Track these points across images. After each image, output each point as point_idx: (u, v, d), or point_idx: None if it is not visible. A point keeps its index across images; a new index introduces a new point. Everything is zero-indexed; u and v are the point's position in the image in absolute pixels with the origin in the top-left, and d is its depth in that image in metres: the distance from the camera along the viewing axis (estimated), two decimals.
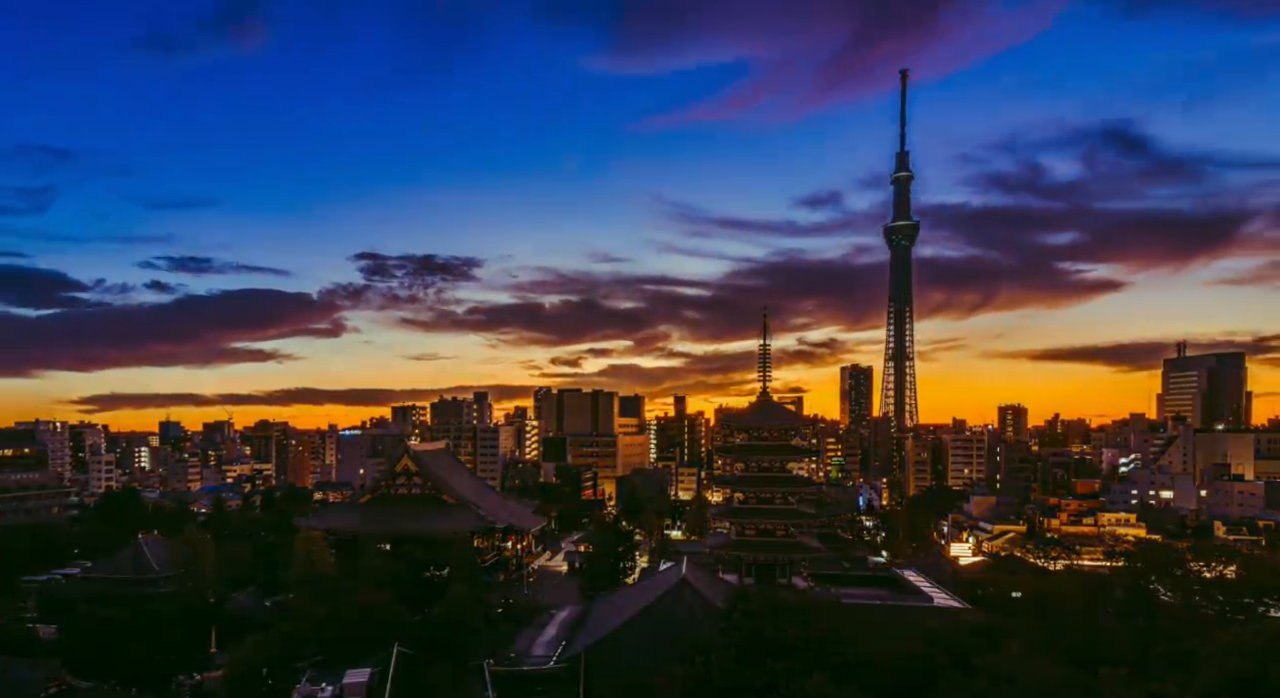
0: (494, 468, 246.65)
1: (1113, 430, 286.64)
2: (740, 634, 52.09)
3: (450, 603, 70.95)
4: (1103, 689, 42.37)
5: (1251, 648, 45.26)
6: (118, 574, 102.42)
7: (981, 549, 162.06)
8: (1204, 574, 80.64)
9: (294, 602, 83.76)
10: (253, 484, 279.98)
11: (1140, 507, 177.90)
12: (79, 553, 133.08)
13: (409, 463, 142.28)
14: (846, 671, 48.33)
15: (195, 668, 74.98)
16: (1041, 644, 57.39)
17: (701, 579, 78.54)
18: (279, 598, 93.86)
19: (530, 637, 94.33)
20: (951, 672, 50.58)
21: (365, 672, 52.28)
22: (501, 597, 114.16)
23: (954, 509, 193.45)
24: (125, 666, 75.10)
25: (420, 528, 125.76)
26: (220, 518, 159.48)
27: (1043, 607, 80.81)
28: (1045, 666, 47.27)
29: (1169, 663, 52.36)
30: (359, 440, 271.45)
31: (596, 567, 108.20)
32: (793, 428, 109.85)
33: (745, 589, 65.27)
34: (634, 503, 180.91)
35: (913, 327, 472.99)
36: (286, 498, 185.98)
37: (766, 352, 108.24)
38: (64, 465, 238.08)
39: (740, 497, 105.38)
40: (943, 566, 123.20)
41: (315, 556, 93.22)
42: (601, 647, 66.02)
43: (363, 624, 65.11)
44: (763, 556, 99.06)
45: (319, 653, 60.97)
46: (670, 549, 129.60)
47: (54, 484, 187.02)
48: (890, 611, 79.03)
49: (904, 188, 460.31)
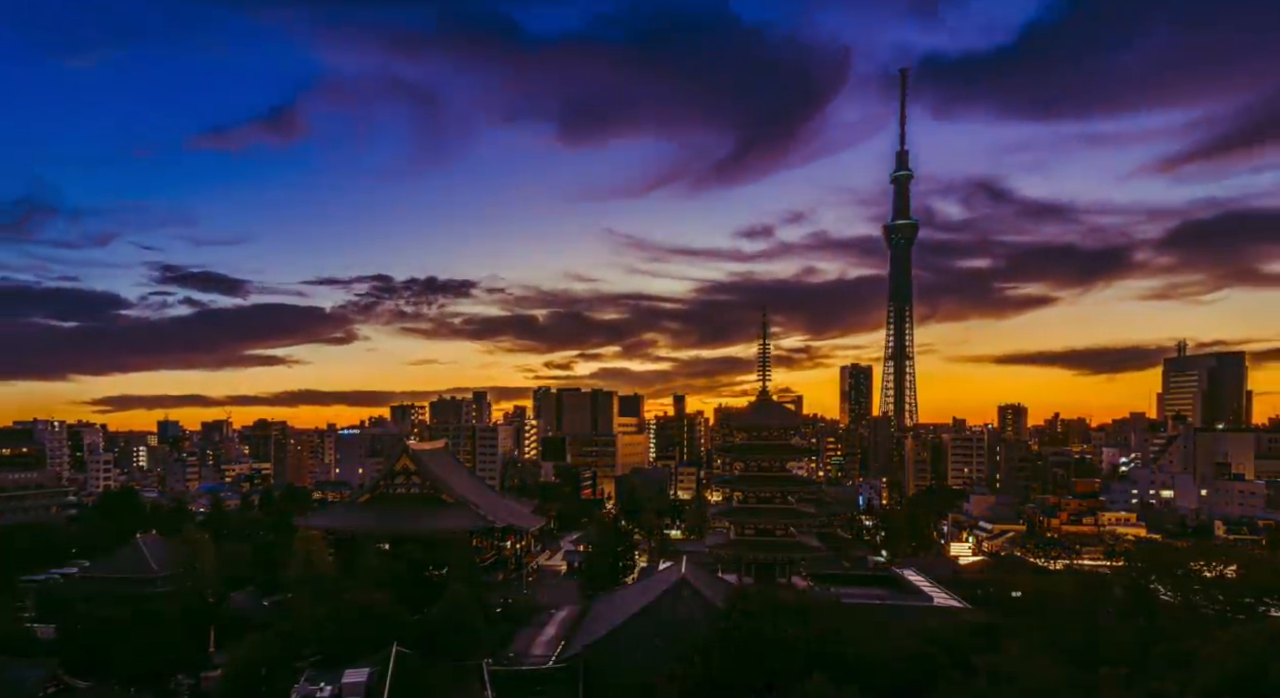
0: (493, 467, 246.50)
1: (1113, 430, 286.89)
2: (740, 634, 51.96)
3: (449, 603, 70.76)
4: (1103, 689, 42.27)
5: (1252, 648, 45.15)
6: (116, 574, 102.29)
7: (981, 549, 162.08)
8: (1204, 574, 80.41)
9: (293, 601, 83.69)
10: (251, 484, 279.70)
11: (1140, 506, 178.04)
12: (77, 553, 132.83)
13: (408, 462, 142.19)
14: (846, 670, 48.19)
15: (194, 668, 74.74)
16: (1041, 644, 57.28)
17: (701, 579, 78.42)
18: (278, 598, 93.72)
19: (529, 636, 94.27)
20: (951, 672, 50.49)
21: (364, 671, 52.11)
22: (501, 596, 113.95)
23: (954, 509, 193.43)
24: (124, 666, 74.86)
25: (419, 527, 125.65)
26: (219, 518, 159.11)
27: (1043, 607, 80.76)
28: (1045, 665, 47.13)
29: (1169, 663, 52.24)
30: (358, 440, 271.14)
31: (596, 566, 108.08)
32: (792, 427, 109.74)
33: (745, 589, 65.18)
34: (633, 503, 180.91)
35: (913, 326, 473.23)
36: (285, 498, 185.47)
37: (766, 351, 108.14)
38: (62, 465, 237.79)
39: (740, 496, 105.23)
40: (942, 565, 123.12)
41: (314, 555, 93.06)
42: (601, 646, 65.91)
43: (361, 624, 64.91)
44: (762, 555, 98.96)
45: (318, 653, 60.79)
46: (669, 549, 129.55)
47: (52, 484, 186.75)
48: (890, 610, 78.93)
49: (903, 186, 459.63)
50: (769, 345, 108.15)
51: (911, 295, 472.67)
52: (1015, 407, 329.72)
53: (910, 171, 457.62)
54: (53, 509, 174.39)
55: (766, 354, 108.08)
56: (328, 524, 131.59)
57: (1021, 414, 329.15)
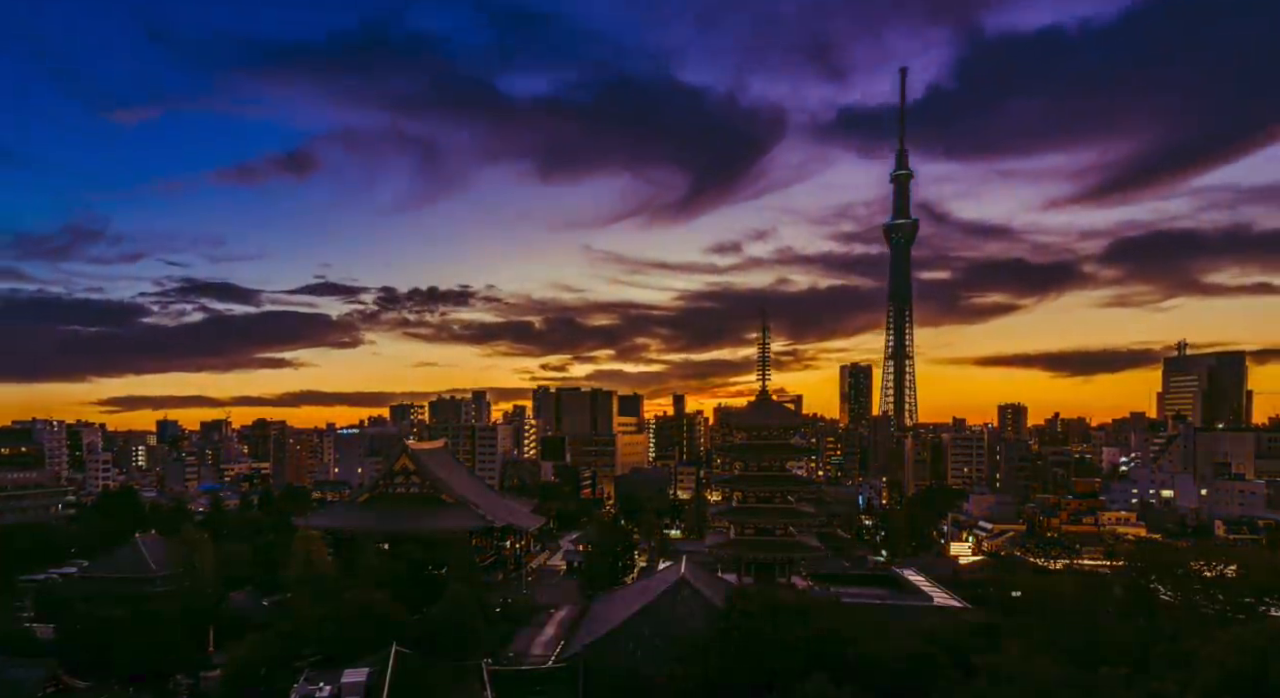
0: (493, 467, 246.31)
1: (1113, 430, 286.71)
2: (739, 634, 51.87)
3: (449, 603, 70.60)
4: (1103, 689, 42.16)
5: (1252, 648, 45.08)
6: (115, 574, 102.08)
7: (981, 549, 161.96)
8: (1204, 574, 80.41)
9: (292, 601, 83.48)
10: (251, 483, 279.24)
11: (1140, 506, 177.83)
12: (76, 553, 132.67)
13: (407, 462, 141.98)
14: (846, 670, 48.10)
15: (193, 668, 74.59)
16: (1041, 644, 57.20)
17: (700, 579, 78.34)
18: (277, 598, 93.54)
19: (529, 636, 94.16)
20: (951, 671, 50.38)
21: (363, 671, 51.96)
22: (500, 596, 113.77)
23: (954, 509, 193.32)
24: (123, 666, 74.72)
25: (419, 527, 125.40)
26: (218, 517, 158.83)
27: (1043, 607, 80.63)
28: (1045, 665, 47.02)
29: (1169, 663, 52.18)
30: (357, 439, 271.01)
31: (595, 566, 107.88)
32: (792, 427, 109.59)
33: (744, 589, 65.10)
34: (633, 502, 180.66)
35: (912, 326, 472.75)
36: (285, 497, 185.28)
37: (766, 350, 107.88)
38: (61, 465, 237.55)
39: (739, 496, 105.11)
40: (942, 565, 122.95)
41: (313, 555, 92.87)
42: (600, 646, 65.79)
43: (361, 624, 64.76)
44: (762, 555, 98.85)
45: (317, 652, 60.62)
46: (669, 549, 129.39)
47: (51, 483, 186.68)
48: (890, 610, 78.85)
49: (903, 185, 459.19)
50: (768, 345, 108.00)
51: (911, 295, 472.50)
52: (1015, 406, 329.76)
53: (910, 170, 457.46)
54: (51, 509, 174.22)
55: (766, 354, 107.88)
56: (327, 524, 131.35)
57: (1021, 414, 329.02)
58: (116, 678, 74.00)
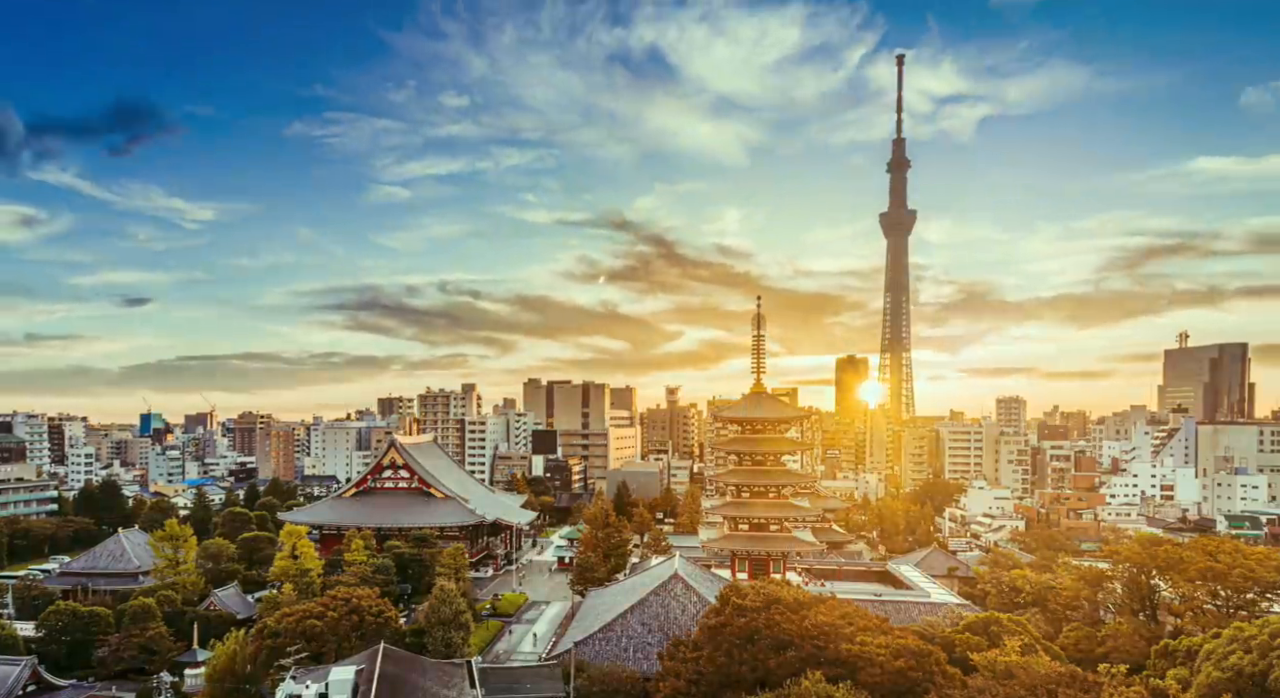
0: (482, 461, 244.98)
1: (1113, 423, 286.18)
2: (733, 630, 50.79)
3: (437, 599, 69.44)
4: (1103, 686, 41.12)
5: (1254, 644, 44.31)
6: (98, 569, 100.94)
7: (979, 544, 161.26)
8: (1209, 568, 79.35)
9: (278, 597, 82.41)
10: (235, 477, 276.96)
11: (1141, 500, 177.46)
12: (58, 548, 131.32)
13: (395, 456, 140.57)
14: (841, 667, 47.12)
15: (177, 665, 73.38)
16: (1041, 641, 56.29)
17: (694, 574, 77.34)
18: (262, 594, 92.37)
19: (519, 632, 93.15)
20: (949, 668, 49.30)
21: (350, 669, 50.76)
22: (490, 592, 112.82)
23: (951, 503, 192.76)
24: (105, 662, 73.65)
25: (407, 522, 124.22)
26: (202, 512, 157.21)
27: (1041, 602, 79.80)
28: (1044, 662, 46.05)
29: (1170, 659, 51.34)
30: (344, 433, 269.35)
31: (587, 561, 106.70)
32: (787, 420, 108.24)
33: (738, 584, 64.05)
34: (625, 496, 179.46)
35: (909, 318, 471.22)
36: (270, 491, 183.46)
37: (760, 343, 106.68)
38: (42, 459, 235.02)
39: (733, 491, 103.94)
40: (939, 560, 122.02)
41: (299, 550, 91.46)
42: (592, 642, 64.87)
43: (348, 621, 63.78)
44: (756, 550, 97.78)
45: (303, 650, 59.47)
46: (662, 544, 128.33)
47: (33, 478, 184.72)
48: (887, 606, 77.84)
49: (900, 175, 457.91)
50: (763, 337, 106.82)
51: (908, 286, 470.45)
52: (1014, 399, 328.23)
53: (908, 161, 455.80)
54: (32, 504, 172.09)
55: (761, 346, 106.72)
56: (313, 519, 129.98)
57: (1020, 406, 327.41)
58: (99, 675, 73.01)
